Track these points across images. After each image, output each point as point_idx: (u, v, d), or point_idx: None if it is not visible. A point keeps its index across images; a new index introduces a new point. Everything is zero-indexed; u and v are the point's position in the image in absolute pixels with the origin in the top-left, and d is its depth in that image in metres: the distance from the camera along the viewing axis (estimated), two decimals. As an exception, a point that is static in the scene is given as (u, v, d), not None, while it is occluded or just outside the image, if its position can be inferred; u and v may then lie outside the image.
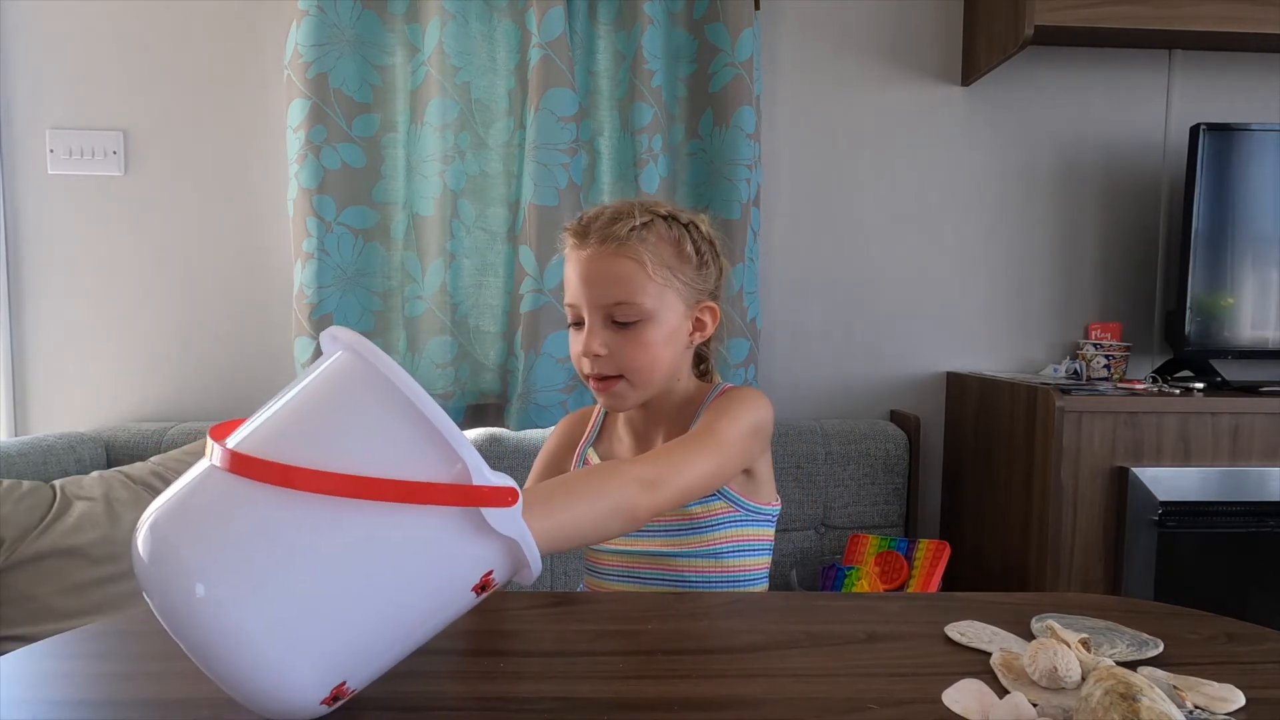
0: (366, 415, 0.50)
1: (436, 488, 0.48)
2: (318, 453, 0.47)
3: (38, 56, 1.70)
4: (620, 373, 0.88)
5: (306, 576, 0.46)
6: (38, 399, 1.76)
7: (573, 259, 0.90)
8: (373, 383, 0.50)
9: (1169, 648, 0.64)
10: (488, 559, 0.52)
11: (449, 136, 1.64)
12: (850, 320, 1.85)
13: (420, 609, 0.51)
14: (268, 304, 1.77)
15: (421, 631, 0.52)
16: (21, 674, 0.60)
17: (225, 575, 0.44)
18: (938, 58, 1.82)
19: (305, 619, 0.46)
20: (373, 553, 0.47)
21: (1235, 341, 1.66)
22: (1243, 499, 1.44)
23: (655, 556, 0.91)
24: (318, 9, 1.59)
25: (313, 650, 0.46)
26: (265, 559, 0.45)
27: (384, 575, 0.48)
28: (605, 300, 0.87)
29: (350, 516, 0.46)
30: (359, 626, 0.48)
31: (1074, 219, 1.86)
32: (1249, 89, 1.83)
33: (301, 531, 0.46)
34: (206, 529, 0.46)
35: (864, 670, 0.60)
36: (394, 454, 0.48)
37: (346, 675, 0.49)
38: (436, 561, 0.50)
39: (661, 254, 0.88)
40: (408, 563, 0.49)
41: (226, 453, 0.47)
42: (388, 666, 0.53)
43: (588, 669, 0.60)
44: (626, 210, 0.89)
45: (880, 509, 1.67)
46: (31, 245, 1.73)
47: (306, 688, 0.47)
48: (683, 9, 1.71)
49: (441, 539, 0.49)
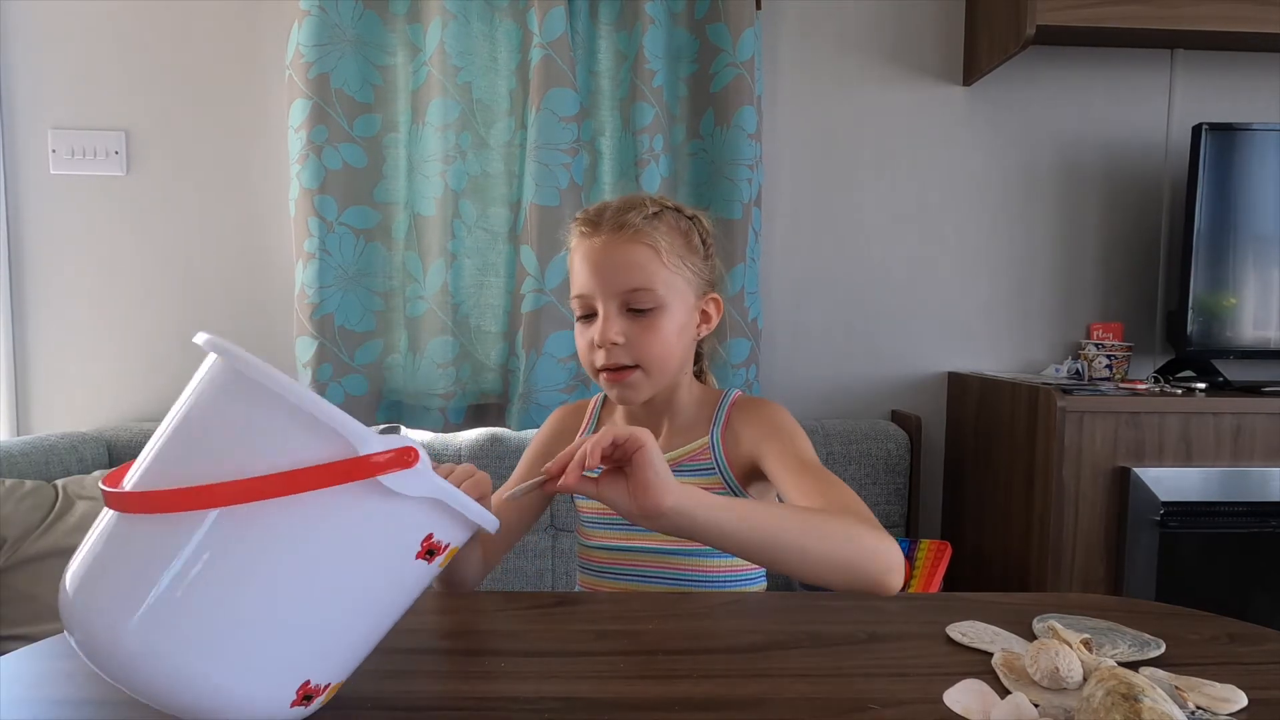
0: (239, 418, 0.48)
1: (322, 470, 0.45)
2: (202, 469, 0.46)
3: (40, 57, 1.70)
4: (635, 363, 0.86)
5: (221, 591, 0.45)
6: (40, 398, 1.76)
7: (583, 248, 0.89)
8: (238, 384, 0.48)
9: (1171, 648, 0.64)
10: (418, 524, 0.50)
11: (450, 136, 1.64)
12: (851, 320, 1.85)
13: (362, 591, 0.50)
14: (269, 304, 1.77)
15: (377, 611, 0.51)
16: (22, 673, 0.60)
17: (144, 617, 0.44)
18: (939, 57, 1.82)
19: (233, 632, 0.45)
20: (283, 550, 0.46)
21: (1237, 341, 1.65)
22: (1244, 499, 1.43)
23: (656, 554, 0.91)
24: (319, 9, 1.59)
25: (254, 660, 0.46)
26: (175, 588, 0.45)
27: (303, 569, 0.47)
28: (622, 287, 0.86)
29: (252, 520, 0.45)
30: (296, 624, 0.47)
31: (1076, 219, 1.86)
32: (1251, 89, 1.83)
33: (205, 550, 0.45)
34: (114, 577, 0.46)
35: (865, 670, 0.60)
36: (276, 449, 0.46)
37: (308, 673, 0.48)
38: (357, 541, 0.48)
39: (674, 243, 0.88)
40: (325, 551, 0.47)
41: (112, 497, 0.46)
42: (359, 653, 0.52)
43: (588, 669, 0.60)
44: (637, 200, 0.89)
45: (881, 509, 1.67)
46: (34, 245, 1.73)
47: (264, 697, 0.47)
48: (684, 9, 1.71)
49: (353, 518, 0.48)
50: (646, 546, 0.91)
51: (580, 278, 0.89)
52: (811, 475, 0.80)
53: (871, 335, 1.86)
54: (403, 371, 1.72)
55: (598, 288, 0.86)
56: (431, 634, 0.68)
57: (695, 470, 0.91)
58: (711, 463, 0.91)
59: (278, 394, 0.46)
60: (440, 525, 0.51)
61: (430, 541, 0.51)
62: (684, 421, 0.94)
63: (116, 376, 1.76)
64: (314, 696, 0.49)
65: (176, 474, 0.46)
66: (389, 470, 0.46)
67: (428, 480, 0.48)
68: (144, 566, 0.45)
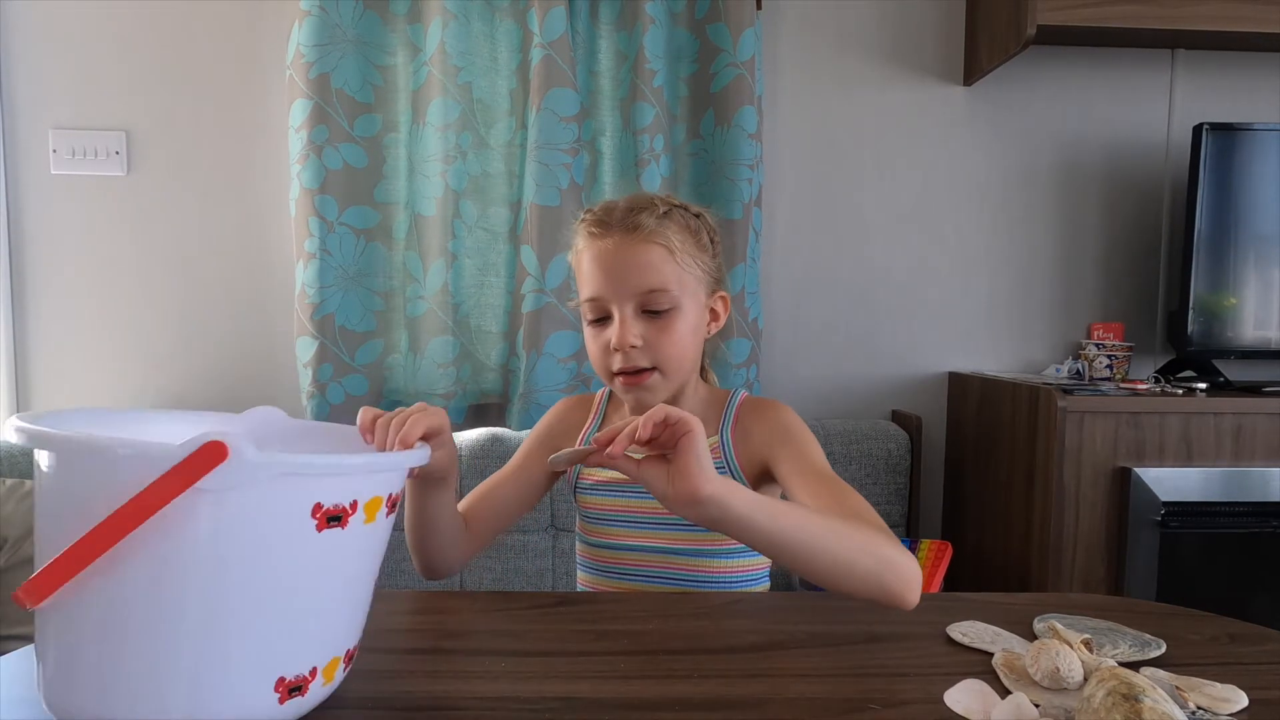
0: (66, 482, 0.47)
1: (141, 500, 0.43)
2: (68, 539, 0.44)
3: (40, 57, 1.70)
4: (653, 365, 0.85)
5: (146, 638, 0.45)
6: (40, 398, 1.76)
7: (594, 250, 0.86)
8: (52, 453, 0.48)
9: (1171, 648, 0.64)
10: (291, 500, 0.48)
11: (450, 136, 1.64)
12: (852, 320, 1.85)
13: (275, 583, 0.48)
14: (269, 304, 1.77)
15: (316, 590, 0.50)
16: (22, 674, 0.60)
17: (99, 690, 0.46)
18: (939, 57, 1.82)
19: (176, 665, 0.46)
20: (174, 579, 0.45)
21: (1238, 341, 1.65)
22: (1245, 499, 1.43)
23: (662, 553, 0.91)
24: (319, 9, 1.59)
25: (205, 678, 0.46)
26: (107, 651, 0.46)
27: (210, 584, 0.46)
28: (638, 288, 0.84)
29: (125, 567, 0.45)
30: (239, 633, 0.47)
31: (1076, 219, 1.86)
32: (1252, 89, 1.83)
33: (101, 610, 0.46)
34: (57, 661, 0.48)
35: (866, 670, 0.60)
36: (111, 497, 0.44)
37: (280, 670, 0.49)
38: (236, 542, 0.46)
39: (685, 241, 0.87)
40: (214, 561, 0.46)
41: (20, 597, 0.45)
42: (335, 628, 0.52)
43: (588, 669, 0.60)
44: (646, 200, 0.88)
45: (882, 509, 1.67)
46: (34, 245, 1.73)
47: (242, 703, 0.47)
48: (684, 9, 1.71)
49: (216, 524, 0.46)
50: (653, 546, 0.91)
51: (592, 280, 0.87)
52: (825, 483, 0.81)
53: (872, 335, 1.86)
54: (403, 371, 1.72)
55: (612, 290, 0.85)
56: (432, 634, 0.68)
57: None
58: (722, 462, 0.91)
59: (80, 446, 0.46)
60: (323, 490, 0.49)
61: (324, 510, 0.49)
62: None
63: (117, 376, 1.76)
64: (300, 687, 0.50)
65: (55, 551, 0.45)
66: (208, 469, 0.43)
67: (250, 465, 0.44)
68: (73, 646, 0.47)
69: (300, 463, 0.48)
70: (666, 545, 0.91)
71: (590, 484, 0.96)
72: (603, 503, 0.94)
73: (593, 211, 0.89)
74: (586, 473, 0.96)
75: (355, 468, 0.51)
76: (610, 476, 0.94)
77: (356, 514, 0.51)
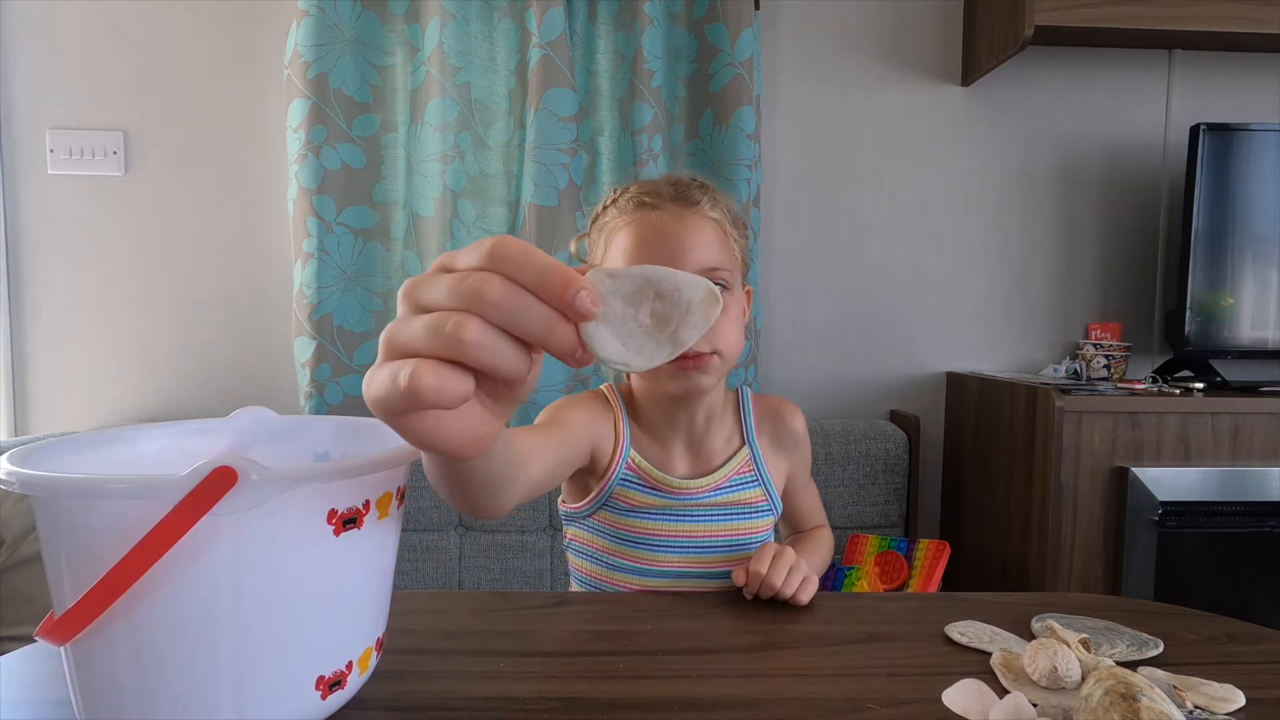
0: (70, 524, 0.45)
1: (162, 530, 0.42)
2: (81, 578, 0.43)
3: (38, 56, 1.70)
4: (713, 349, 0.79)
5: (182, 666, 0.45)
6: (38, 399, 1.76)
7: (642, 224, 0.78)
8: (54, 501, 0.45)
9: (1169, 648, 0.64)
10: (307, 507, 0.47)
11: (449, 136, 1.64)
12: (850, 320, 1.85)
13: (297, 592, 0.48)
14: (268, 304, 1.77)
15: (339, 591, 0.50)
16: (22, 674, 0.60)
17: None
18: (938, 58, 1.82)
19: (215, 679, 0.45)
20: (197, 600, 0.44)
21: (1235, 341, 1.66)
22: (1243, 499, 1.44)
23: (702, 578, 0.87)
24: (318, 9, 1.59)
25: (247, 694, 0.46)
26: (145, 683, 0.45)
27: (238, 602, 0.45)
28: (700, 264, 0.77)
29: (155, 596, 0.44)
30: (267, 649, 0.47)
31: (1074, 219, 1.86)
32: (1249, 89, 1.83)
33: (134, 644, 0.44)
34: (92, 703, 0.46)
35: (864, 670, 0.60)
36: (121, 533, 0.43)
37: (318, 670, 0.49)
38: (260, 559, 0.46)
39: (732, 220, 0.82)
40: (241, 579, 0.45)
41: (41, 642, 0.45)
42: (363, 630, 0.52)
43: (587, 669, 0.60)
44: (685, 178, 0.82)
45: (880, 509, 1.67)
46: (32, 245, 1.73)
47: (287, 707, 0.47)
48: (683, 9, 1.71)
49: (236, 542, 0.45)
50: (706, 571, 0.88)
51: (637, 255, 0.77)
52: (813, 487, 0.99)
53: (870, 335, 1.86)
54: (402, 371, 1.72)
55: (670, 265, 0.79)
56: (431, 634, 0.68)
57: (742, 484, 0.89)
58: (755, 475, 0.90)
59: (82, 489, 0.44)
60: (335, 495, 0.48)
61: (339, 515, 0.48)
62: (716, 420, 0.89)
63: (115, 376, 1.76)
64: (341, 681, 0.50)
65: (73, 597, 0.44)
66: (214, 503, 0.42)
67: (260, 484, 0.43)
68: (107, 686, 0.45)
69: (309, 472, 0.47)
70: (713, 570, 0.88)
71: (625, 507, 0.88)
72: (643, 499, 0.88)
73: (634, 185, 0.82)
74: (621, 493, 0.88)
75: (363, 468, 0.50)
76: (649, 501, 0.87)
77: (370, 513, 0.51)
